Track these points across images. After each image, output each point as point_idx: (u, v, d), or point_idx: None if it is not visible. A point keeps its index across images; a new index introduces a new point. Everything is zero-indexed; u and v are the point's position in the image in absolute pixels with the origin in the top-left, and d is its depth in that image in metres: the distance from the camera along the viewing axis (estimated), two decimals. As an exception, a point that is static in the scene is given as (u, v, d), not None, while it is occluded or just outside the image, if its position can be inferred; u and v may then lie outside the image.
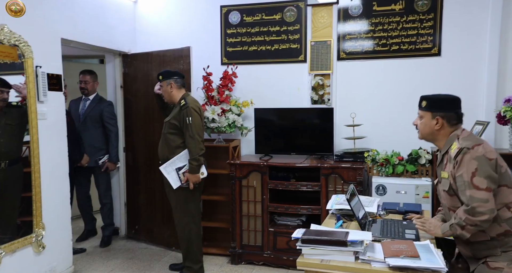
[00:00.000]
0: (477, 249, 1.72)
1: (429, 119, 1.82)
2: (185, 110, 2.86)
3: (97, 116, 3.70)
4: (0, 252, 2.45)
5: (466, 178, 1.62)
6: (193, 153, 2.86)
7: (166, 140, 2.95)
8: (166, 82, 2.98)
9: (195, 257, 3.00)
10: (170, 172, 2.90)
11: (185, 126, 2.86)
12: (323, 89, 3.52)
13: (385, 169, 3.12)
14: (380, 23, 3.37)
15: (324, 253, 1.63)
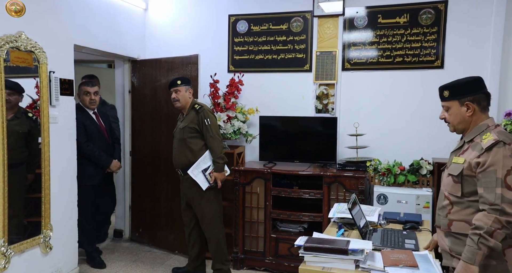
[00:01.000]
0: (456, 243, 1.63)
1: (457, 107, 1.67)
2: (202, 113, 2.96)
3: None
4: (9, 252, 2.52)
5: (500, 175, 1.48)
6: (216, 152, 2.95)
7: (187, 145, 2.98)
8: (185, 87, 3.05)
9: (225, 257, 3.07)
10: (197, 175, 2.95)
11: (204, 128, 2.94)
12: (328, 98, 3.59)
13: (386, 178, 3.18)
14: (384, 35, 3.44)
15: (325, 261, 1.69)
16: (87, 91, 3.37)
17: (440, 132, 3.29)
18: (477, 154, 1.57)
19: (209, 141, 2.95)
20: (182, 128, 3.01)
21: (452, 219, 1.64)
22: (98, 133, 3.38)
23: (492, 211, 1.47)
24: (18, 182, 2.68)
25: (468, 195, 1.59)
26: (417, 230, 2.17)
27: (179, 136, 3.03)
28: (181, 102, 3.06)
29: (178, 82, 3.04)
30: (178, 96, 3.05)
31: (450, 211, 1.65)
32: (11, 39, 2.48)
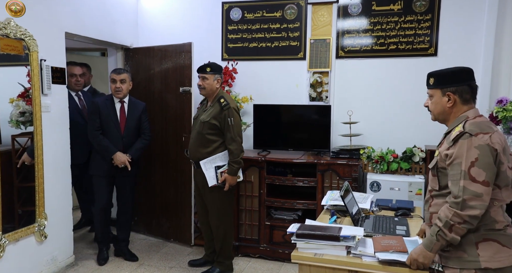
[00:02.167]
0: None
1: (439, 97, 1.62)
2: (227, 111, 2.80)
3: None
4: (4, 240, 2.53)
5: (464, 167, 1.45)
6: (234, 155, 2.83)
7: (204, 140, 2.86)
8: (214, 76, 2.87)
9: (228, 253, 3.05)
10: (209, 169, 2.86)
11: (226, 127, 2.81)
12: (321, 86, 3.58)
13: (380, 166, 3.20)
14: (378, 23, 3.42)
15: (317, 247, 1.71)
16: (113, 78, 3.14)
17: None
18: (446, 146, 1.55)
19: (229, 142, 2.82)
20: (203, 122, 2.85)
21: (432, 212, 1.62)
22: (112, 124, 3.12)
23: (454, 204, 1.44)
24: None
25: (445, 187, 1.57)
26: (409, 216, 2.20)
27: (199, 129, 2.89)
28: (207, 91, 2.90)
29: (207, 69, 2.86)
30: (204, 84, 2.88)
31: (431, 204, 1.64)
32: (0, 26, 2.44)
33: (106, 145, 3.10)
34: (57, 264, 3.03)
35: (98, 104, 3.12)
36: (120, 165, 3.10)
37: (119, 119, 3.17)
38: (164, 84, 3.67)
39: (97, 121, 3.10)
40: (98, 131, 3.10)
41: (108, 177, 3.18)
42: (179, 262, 3.28)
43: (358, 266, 1.62)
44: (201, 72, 2.88)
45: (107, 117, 3.12)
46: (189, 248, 3.58)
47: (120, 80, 3.13)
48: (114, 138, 3.14)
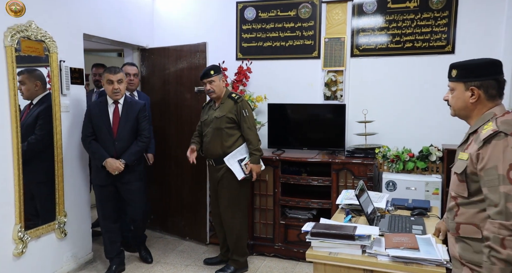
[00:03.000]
0: (466, 249, 1.46)
1: (461, 91, 1.48)
2: (241, 103, 2.91)
3: None
4: (26, 237, 2.61)
5: (501, 171, 1.29)
6: (254, 144, 2.92)
7: (224, 135, 2.91)
8: (219, 76, 2.94)
9: (243, 251, 3.07)
10: (233, 164, 2.91)
11: (242, 118, 2.90)
12: (336, 85, 3.57)
13: (395, 165, 3.17)
14: (394, 20, 3.39)
15: (332, 246, 1.71)
16: (110, 79, 2.87)
17: (451, 119, 3.22)
18: (476, 147, 1.39)
19: (247, 132, 2.91)
20: (219, 117, 2.91)
21: (459, 222, 1.46)
22: (104, 127, 2.88)
23: (497, 215, 1.28)
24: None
25: (475, 194, 1.41)
26: (425, 216, 2.18)
27: (215, 125, 2.93)
28: (217, 93, 2.94)
29: (211, 73, 2.90)
30: (213, 87, 2.91)
31: (457, 213, 1.47)
32: (22, 29, 2.52)
33: (96, 151, 2.85)
34: (77, 260, 3.10)
35: (90, 108, 2.94)
36: (113, 172, 2.82)
37: (111, 122, 2.90)
38: (179, 84, 3.71)
39: (89, 126, 2.89)
40: (90, 137, 2.89)
41: (108, 186, 2.92)
42: (195, 260, 3.32)
43: (373, 265, 1.61)
44: (206, 77, 2.91)
45: (98, 120, 2.88)
46: (204, 246, 3.61)
47: (118, 80, 2.86)
48: (106, 142, 2.87)
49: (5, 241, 2.51)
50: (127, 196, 2.99)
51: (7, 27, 2.44)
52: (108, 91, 2.89)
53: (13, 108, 2.50)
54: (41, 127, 2.74)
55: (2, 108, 2.46)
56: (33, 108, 2.73)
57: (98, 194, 2.98)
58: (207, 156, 3.04)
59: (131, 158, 2.90)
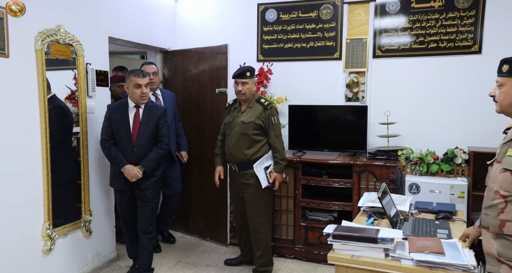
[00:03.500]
0: (508, 247, 1.45)
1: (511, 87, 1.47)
2: (270, 110, 2.85)
3: None
4: (54, 234, 2.69)
5: None
6: (280, 153, 2.86)
7: (250, 141, 2.85)
8: (253, 79, 2.87)
9: (271, 259, 3.02)
10: (260, 171, 2.86)
11: (270, 126, 2.84)
12: (358, 86, 3.53)
13: (419, 167, 3.12)
14: (418, 21, 3.33)
15: (354, 249, 1.69)
16: (138, 83, 2.73)
17: (477, 121, 3.19)
18: None
19: (274, 140, 2.86)
20: (247, 123, 2.85)
21: (505, 220, 1.44)
22: (123, 132, 2.77)
23: None
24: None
25: None
26: (451, 220, 2.13)
27: (241, 130, 2.86)
28: (247, 96, 2.88)
29: (247, 74, 2.83)
30: (244, 89, 2.85)
31: (504, 210, 1.44)
32: (51, 33, 2.61)
33: (114, 157, 2.76)
34: (101, 258, 3.17)
35: (110, 110, 2.82)
36: (131, 179, 2.73)
37: (131, 127, 2.78)
38: (201, 85, 3.75)
39: (109, 130, 2.79)
40: (108, 141, 2.78)
41: (127, 191, 2.84)
42: (216, 261, 3.34)
43: (397, 269, 1.59)
44: (240, 77, 2.84)
45: (118, 124, 2.77)
46: (224, 247, 3.64)
47: (146, 84, 2.75)
48: (124, 148, 2.77)
49: (34, 238, 2.60)
50: (141, 207, 2.85)
51: (37, 32, 2.54)
52: (135, 95, 2.74)
53: (42, 109, 2.59)
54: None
55: (33, 110, 2.55)
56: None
57: (117, 198, 2.97)
58: (230, 161, 2.99)
59: (149, 165, 2.78)
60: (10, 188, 2.43)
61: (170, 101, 3.53)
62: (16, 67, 2.43)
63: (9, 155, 2.41)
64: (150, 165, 2.79)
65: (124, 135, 2.78)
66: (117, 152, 2.77)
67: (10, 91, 2.41)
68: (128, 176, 2.74)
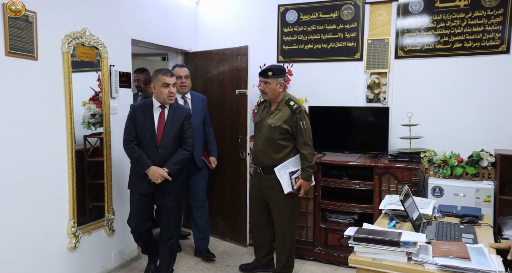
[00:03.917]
0: None
1: None
2: (298, 114, 2.71)
3: None
4: (79, 232, 2.77)
5: None
6: (309, 160, 2.73)
7: (276, 146, 2.74)
8: (277, 80, 2.73)
9: (292, 262, 2.97)
10: (283, 175, 2.74)
11: (298, 131, 2.71)
12: (379, 87, 3.48)
13: (442, 170, 3.04)
14: (442, 20, 3.26)
15: (376, 252, 1.67)
16: (166, 82, 2.67)
17: (504, 123, 3.10)
18: None
19: (302, 146, 2.72)
20: (273, 127, 2.73)
21: None
22: (148, 133, 2.70)
23: None
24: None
25: None
26: (476, 224, 2.07)
27: (267, 134, 2.76)
28: (269, 96, 2.78)
29: (269, 74, 2.72)
30: (266, 88, 2.75)
31: None
32: (77, 36, 2.68)
33: (139, 158, 2.68)
34: (123, 257, 3.23)
35: (135, 110, 2.74)
36: (156, 181, 2.64)
37: (156, 127, 2.71)
38: (221, 87, 3.78)
39: (133, 130, 2.71)
40: (132, 142, 2.71)
41: (149, 194, 2.77)
42: (235, 261, 3.36)
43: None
44: (262, 76, 2.76)
45: (142, 125, 2.70)
46: (244, 247, 3.65)
47: (173, 84, 2.71)
48: (149, 149, 2.70)
49: (60, 235, 2.68)
50: (164, 210, 2.79)
51: (64, 35, 2.62)
52: (162, 95, 2.66)
53: (68, 110, 2.66)
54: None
55: (59, 111, 2.63)
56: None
57: (135, 201, 2.79)
58: (256, 163, 2.89)
59: (175, 167, 2.69)
60: (37, 186, 2.51)
61: (200, 105, 3.42)
62: (44, 70, 2.51)
63: (36, 155, 2.49)
64: (175, 167, 2.70)
65: (149, 136, 2.70)
66: (141, 153, 2.69)
67: (38, 93, 2.49)
68: (153, 178, 2.65)
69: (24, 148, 2.42)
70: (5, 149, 2.32)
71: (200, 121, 3.40)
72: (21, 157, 2.40)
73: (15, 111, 2.36)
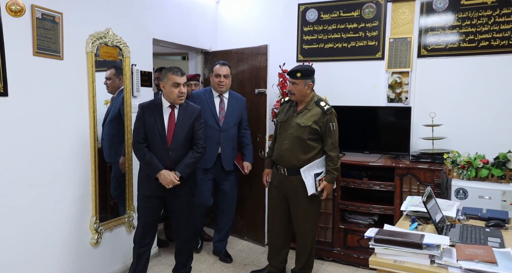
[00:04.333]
0: None
1: None
2: (330, 115, 2.66)
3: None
4: (101, 228, 2.82)
5: None
6: (335, 162, 2.68)
7: (305, 146, 2.67)
8: (305, 81, 2.65)
9: (312, 262, 2.91)
10: (307, 177, 2.68)
11: (328, 132, 2.66)
12: (401, 87, 3.42)
13: (466, 172, 2.97)
14: (468, 18, 3.17)
15: (397, 254, 1.64)
16: (176, 82, 2.56)
17: (532, 123, 2.99)
18: None
19: (330, 148, 2.66)
20: (303, 126, 2.66)
21: None
22: (158, 134, 2.59)
23: None
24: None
25: None
26: (503, 228, 2.01)
27: (296, 133, 2.68)
28: (296, 97, 2.71)
29: (297, 75, 2.65)
30: (294, 89, 2.69)
31: None
32: (101, 36, 2.74)
33: (149, 161, 2.56)
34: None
35: (143, 110, 2.61)
36: (167, 185, 2.54)
37: (166, 128, 2.59)
38: (241, 86, 3.78)
39: (142, 131, 2.59)
40: (142, 144, 2.59)
41: (157, 197, 2.65)
42: (253, 260, 3.36)
43: (443, 277, 1.52)
44: (290, 76, 2.69)
45: (152, 126, 2.58)
46: (262, 247, 3.65)
47: (184, 83, 2.59)
48: (159, 151, 2.58)
49: (83, 231, 2.74)
50: (177, 212, 2.71)
51: (88, 35, 2.67)
52: (172, 94, 2.55)
53: (91, 109, 2.72)
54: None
55: (83, 109, 2.69)
56: (114, 99, 2.96)
57: (142, 205, 2.68)
58: (279, 163, 2.76)
59: (186, 171, 2.58)
60: (62, 183, 2.58)
61: (236, 106, 3.33)
62: (69, 69, 2.57)
63: (61, 152, 2.56)
64: (186, 170, 2.58)
65: (159, 137, 2.57)
66: (151, 156, 2.56)
67: (64, 92, 2.55)
68: (164, 182, 2.53)
69: (50, 146, 2.48)
70: (34, 146, 2.38)
71: (234, 122, 3.32)
72: (48, 154, 2.47)
73: (42, 110, 2.42)
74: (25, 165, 2.34)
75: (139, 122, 2.61)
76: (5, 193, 2.25)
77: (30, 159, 2.37)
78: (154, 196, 2.64)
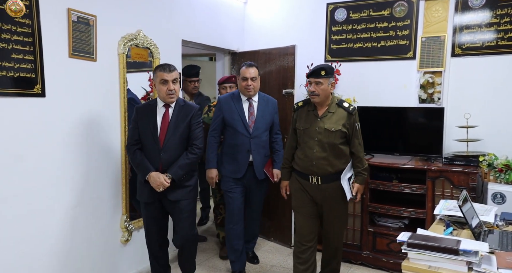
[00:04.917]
0: None
1: None
2: (355, 115, 2.51)
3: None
4: (131, 227, 2.88)
5: None
6: (363, 162, 2.56)
7: (338, 151, 2.50)
8: (329, 80, 2.47)
9: (339, 266, 2.83)
10: (344, 182, 2.55)
11: (355, 133, 2.51)
12: (433, 87, 3.32)
13: (504, 175, 2.85)
14: (507, 15, 3.04)
15: (432, 259, 1.59)
16: (164, 79, 2.43)
17: None
18: None
19: (358, 149, 2.53)
20: (333, 131, 2.47)
21: None
22: (150, 135, 2.47)
23: None
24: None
25: None
26: (544, 235, 1.92)
27: (327, 140, 2.47)
28: (320, 98, 2.47)
29: (322, 73, 2.43)
30: (318, 89, 2.44)
31: None
32: (132, 37, 2.80)
33: (139, 163, 2.45)
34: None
35: (137, 111, 2.51)
36: (157, 189, 2.40)
37: (159, 128, 2.46)
38: (268, 86, 3.77)
39: (136, 133, 2.49)
40: (134, 146, 2.49)
41: (154, 202, 2.52)
42: (280, 261, 3.34)
43: (482, 285, 1.46)
44: (315, 76, 2.45)
45: (145, 126, 2.47)
46: (288, 248, 3.62)
47: (173, 80, 2.44)
48: (151, 152, 2.46)
49: (114, 229, 2.81)
50: (174, 216, 2.56)
51: (120, 36, 2.74)
52: (161, 92, 2.43)
53: (122, 109, 2.78)
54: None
55: (115, 110, 2.75)
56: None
57: (143, 212, 2.59)
58: (311, 173, 2.52)
59: (179, 172, 2.43)
60: (95, 181, 2.64)
61: (267, 109, 3.06)
62: (102, 70, 2.64)
63: (93, 151, 2.63)
64: (179, 172, 2.43)
65: (151, 138, 2.45)
66: (142, 158, 2.45)
67: (97, 93, 2.62)
68: (154, 185, 2.40)
69: (85, 145, 2.56)
70: (70, 145, 2.46)
71: (265, 128, 3.05)
72: (83, 153, 2.55)
73: (77, 110, 2.50)
74: (60, 163, 2.41)
75: (132, 124, 2.52)
76: (44, 190, 2.32)
77: (65, 158, 2.44)
78: (149, 201, 2.51)
